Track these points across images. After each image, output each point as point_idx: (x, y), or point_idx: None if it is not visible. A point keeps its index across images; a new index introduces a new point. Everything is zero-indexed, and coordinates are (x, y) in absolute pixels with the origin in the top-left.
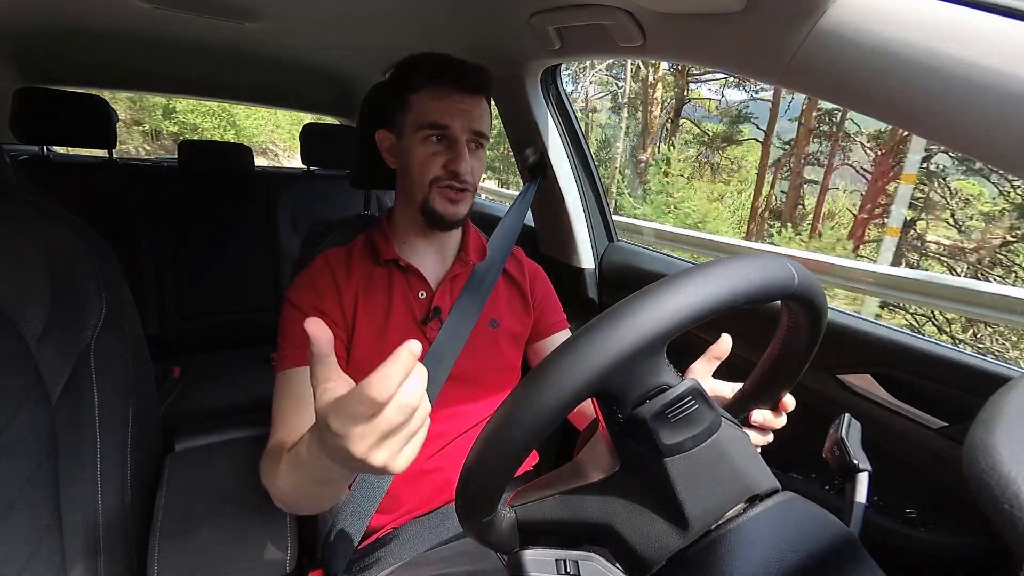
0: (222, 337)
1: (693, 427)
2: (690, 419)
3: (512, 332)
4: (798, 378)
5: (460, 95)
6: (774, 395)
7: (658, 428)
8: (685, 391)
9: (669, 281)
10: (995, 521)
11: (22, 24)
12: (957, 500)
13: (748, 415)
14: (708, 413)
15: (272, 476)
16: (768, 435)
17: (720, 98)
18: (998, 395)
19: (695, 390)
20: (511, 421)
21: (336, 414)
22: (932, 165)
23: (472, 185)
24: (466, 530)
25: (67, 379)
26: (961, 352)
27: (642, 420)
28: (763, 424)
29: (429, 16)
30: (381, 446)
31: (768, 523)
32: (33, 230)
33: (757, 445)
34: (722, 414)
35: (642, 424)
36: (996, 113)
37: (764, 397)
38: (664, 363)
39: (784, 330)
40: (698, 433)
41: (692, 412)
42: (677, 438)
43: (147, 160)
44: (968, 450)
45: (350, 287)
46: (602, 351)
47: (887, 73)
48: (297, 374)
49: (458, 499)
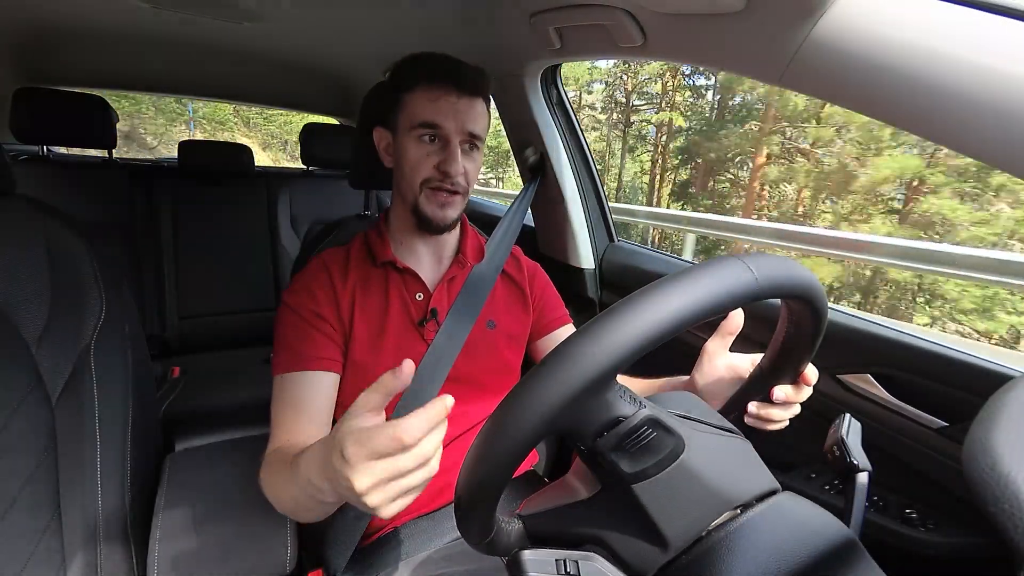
0: (222, 337)
1: (654, 454)
2: (649, 447)
3: (510, 333)
4: (815, 350)
5: (455, 95)
6: (793, 368)
7: (618, 459)
8: (639, 423)
9: (609, 315)
10: (995, 521)
11: (22, 24)
12: (957, 500)
13: (770, 392)
14: (668, 439)
15: (272, 486)
16: (793, 408)
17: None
18: (998, 395)
19: (650, 419)
20: (477, 463)
21: (355, 443)
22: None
23: (464, 188)
24: (474, 548)
25: (67, 379)
26: (961, 352)
27: (602, 452)
28: (786, 400)
29: (429, 16)
30: (382, 488)
31: (767, 524)
32: (33, 230)
33: (782, 420)
34: (710, 422)
35: (603, 455)
36: (996, 113)
37: (783, 371)
38: (615, 397)
39: (787, 310)
40: (660, 459)
41: (651, 441)
42: (640, 466)
43: (147, 160)
44: (968, 450)
45: (347, 289)
46: (544, 399)
47: (887, 74)
48: (292, 379)
49: (458, 525)
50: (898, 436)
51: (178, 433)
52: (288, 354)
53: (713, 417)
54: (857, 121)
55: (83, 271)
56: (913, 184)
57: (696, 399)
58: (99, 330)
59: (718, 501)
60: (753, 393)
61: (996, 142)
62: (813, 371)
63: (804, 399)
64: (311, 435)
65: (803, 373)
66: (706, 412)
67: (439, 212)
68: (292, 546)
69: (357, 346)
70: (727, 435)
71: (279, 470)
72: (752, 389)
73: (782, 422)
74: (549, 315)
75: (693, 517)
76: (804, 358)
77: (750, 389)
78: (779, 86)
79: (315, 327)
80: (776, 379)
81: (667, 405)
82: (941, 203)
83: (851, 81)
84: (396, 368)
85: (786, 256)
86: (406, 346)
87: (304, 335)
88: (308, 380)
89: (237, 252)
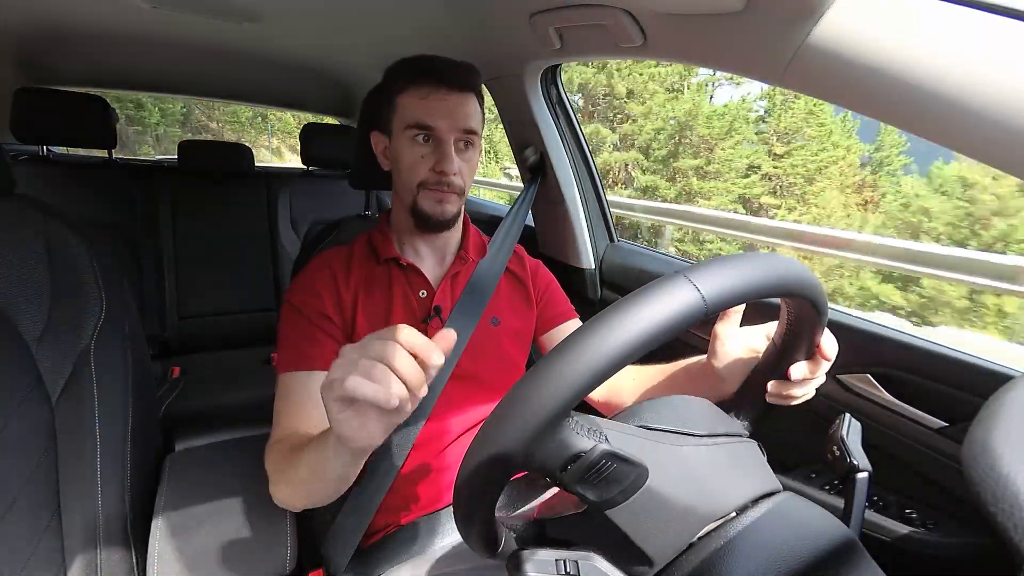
0: (222, 337)
1: (618, 484)
2: (612, 478)
3: (514, 330)
4: (824, 323)
5: (445, 92)
6: (807, 343)
7: (584, 490)
8: (596, 458)
9: (549, 359)
10: (995, 521)
11: (22, 24)
12: (957, 500)
13: (787, 372)
14: (629, 469)
15: (280, 471)
16: (813, 383)
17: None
18: (998, 395)
19: (607, 454)
20: (464, 480)
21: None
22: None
23: (461, 187)
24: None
25: (67, 379)
26: (961, 352)
27: (568, 484)
28: (804, 378)
29: (429, 16)
30: (362, 377)
31: (767, 525)
32: (33, 230)
33: (804, 396)
34: (695, 432)
35: (570, 487)
36: (996, 113)
37: (796, 348)
38: (570, 434)
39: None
40: (625, 487)
41: (612, 472)
42: (606, 495)
43: (147, 160)
44: (968, 450)
45: (350, 287)
46: (501, 444)
47: (887, 74)
48: (296, 378)
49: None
50: (898, 436)
51: (178, 433)
52: (292, 353)
53: (702, 423)
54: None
55: (83, 271)
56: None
57: (689, 403)
58: (99, 330)
59: (695, 518)
60: (769, 373)
61: (996, 142)
62: (831, 344)
63: (823, 373)
64: (315, 428)
65: (819, 347)
66: (697, 418)
67: (437, 208)
68: (292, 546)
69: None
70: (714, 444)
71: (287, 454)
72: (767, 369)
73: (805, 396)
74: (553, 310)
75: (672, 535)
76: (816, 331)
77: (765, 369)
78: (779, 86)
79: (318, 326)
80: (791, 356)
81: (649, 416)
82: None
83: (852, 81)
84: (449, 331)
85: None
86: None
87: (308, 335)
88: (312, 380)
89: (237, 252)
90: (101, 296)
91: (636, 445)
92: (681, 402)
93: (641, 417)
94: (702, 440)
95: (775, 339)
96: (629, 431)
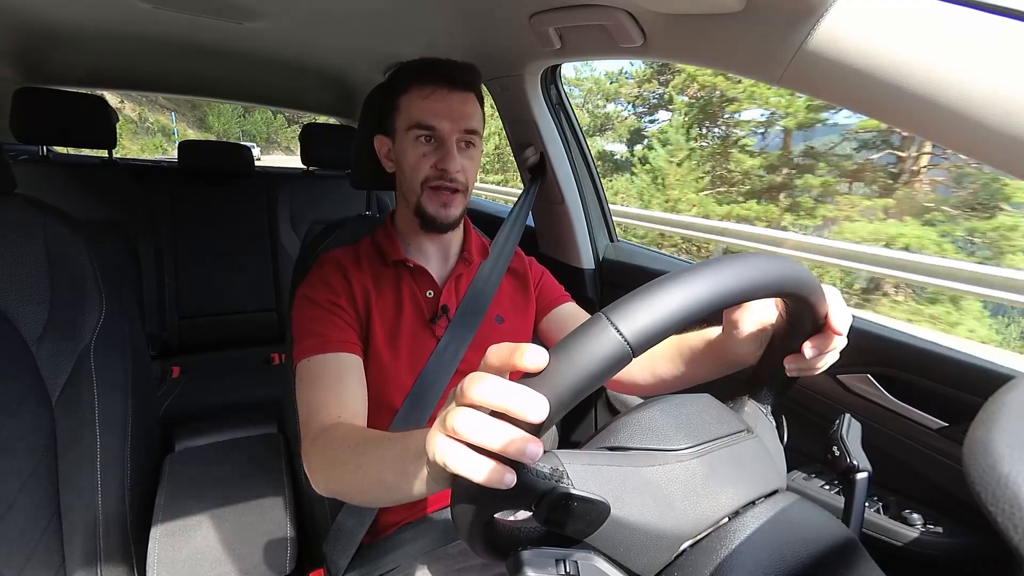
0: (222, 337)
1: (583, 518)
2: (575, 514)
3: (518, 327)
4: (820, 295)
5: (446, 92)
6: (810, 319)
7: (554, 526)
8: (556, 500)
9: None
10: (995, 521)
11: (22, 24)
12: (957, 500)
13: (800, 349)
14: (590, 506)
15: (334, 466)
16: (830, 356)
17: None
18: (998, 395)
19: (565, 495)
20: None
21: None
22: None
23: (464, 185)
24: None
25: (67, 379)
26: (961, 352)
27: (540, 519)
28: (817, 354)
29: (429, 16)
30: (461, 416)
31: (767, 524)
32: (33, 230)
33: (824, 366)
34: (678, 447)
35: (542, 522)
36: (996, 114)
37: (801, 322)
38: (530, 477)
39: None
40: (591, 520)
41: (574, 509)
42: (574, 528)
43: (147, 160)
44: (968, 450)
45: (361, 286)
46: (472, 501)
47: (887, 74)
48: (321, 361)
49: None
50: (898, 436)
51: (178, 433)
52: (313, 339)
53: (686, 433)
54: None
55: (83, 271)
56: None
57: (679, 408)
58: (99, 330)
59: (670, 539)
60: (784, 347)
61: (996, 142)
62: (840, 316)
63: (839, 345)
64: (359, 411)
65: (828, 321)
66: (680, 429)
67: (442, 211)
68: (292, 546)
69: (375, 343)
70: (693, 456)
71: (350, 450)
72: (781, 343)
73: (824, 366)
74: (549, 295)
75: (651, 554)
76: (815, 305)
77: (780, 343)
78: (780, 86)
79: (336, 314)
80: (800, 330)
81: (623, 436)
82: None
83: (852, 81)
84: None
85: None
86: (419, 343)
87: (326, 320)
88: (338, 360)
89: (237, 252)
90: (101, 296)
91: (600, 476)
92: (660, 414)
93: (617, 437)
94: (680, 454)
95: (782, 312)
96: (598, 460)
